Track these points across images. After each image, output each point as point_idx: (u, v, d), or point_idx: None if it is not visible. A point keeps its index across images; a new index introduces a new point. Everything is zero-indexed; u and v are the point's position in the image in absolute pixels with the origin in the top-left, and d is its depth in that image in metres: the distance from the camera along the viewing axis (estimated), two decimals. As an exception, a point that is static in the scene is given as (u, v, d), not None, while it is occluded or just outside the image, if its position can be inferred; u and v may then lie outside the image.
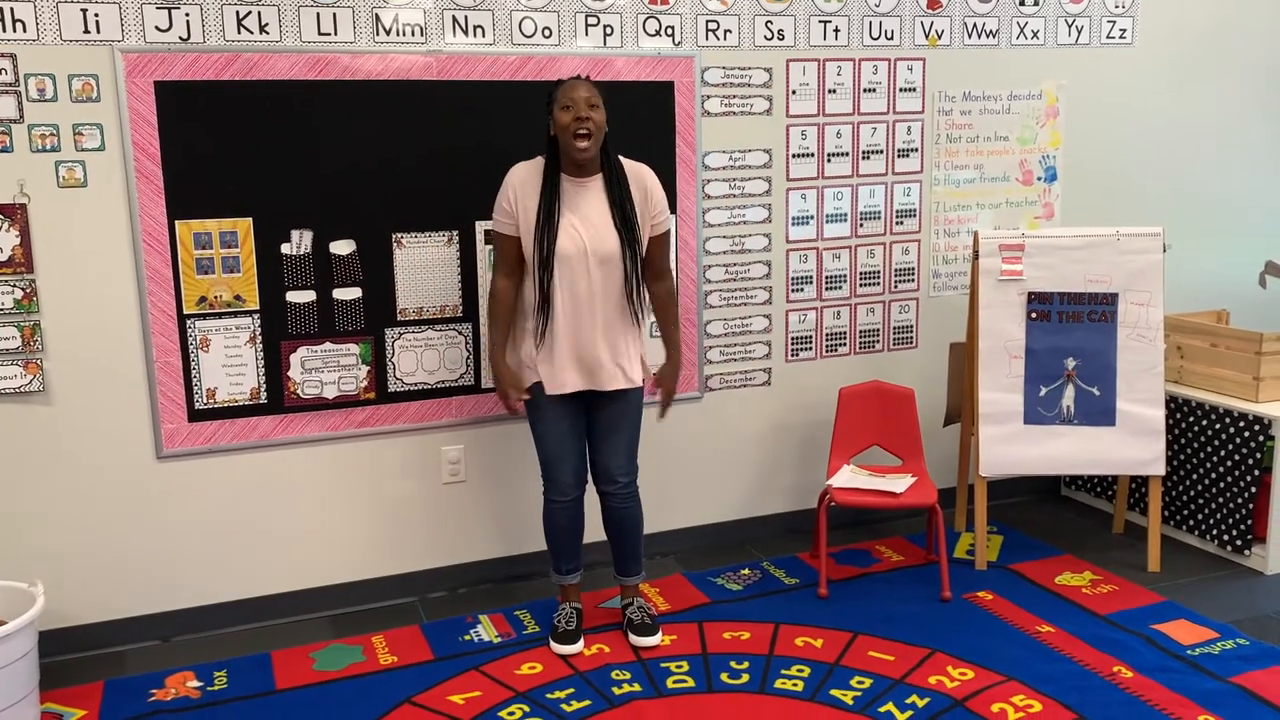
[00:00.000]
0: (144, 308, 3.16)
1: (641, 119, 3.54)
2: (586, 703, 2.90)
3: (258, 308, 3.28)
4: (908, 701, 2.86)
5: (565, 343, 3.01)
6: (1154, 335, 3.66)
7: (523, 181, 3.00)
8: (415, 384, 3.49)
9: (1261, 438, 3.62)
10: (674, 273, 3.20)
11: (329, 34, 3.21)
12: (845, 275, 4.01)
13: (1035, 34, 4.11)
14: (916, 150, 4.03)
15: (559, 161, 2.98)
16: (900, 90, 3.96)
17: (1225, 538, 3.76)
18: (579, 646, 3.17)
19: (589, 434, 3.17)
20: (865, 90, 3.90)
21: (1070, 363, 3.69)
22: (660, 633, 3.22)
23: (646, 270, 3.08)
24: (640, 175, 3.07)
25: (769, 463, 4.03)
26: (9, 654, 2.70)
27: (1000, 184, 4.19)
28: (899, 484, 3.58)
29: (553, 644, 3.19)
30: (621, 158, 3.07)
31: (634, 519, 3.22)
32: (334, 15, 3.21)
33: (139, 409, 3.20)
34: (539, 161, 3.02)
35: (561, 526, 3.20)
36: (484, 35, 3.38)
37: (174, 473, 3.27)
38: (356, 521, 3.51)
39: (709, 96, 3.67)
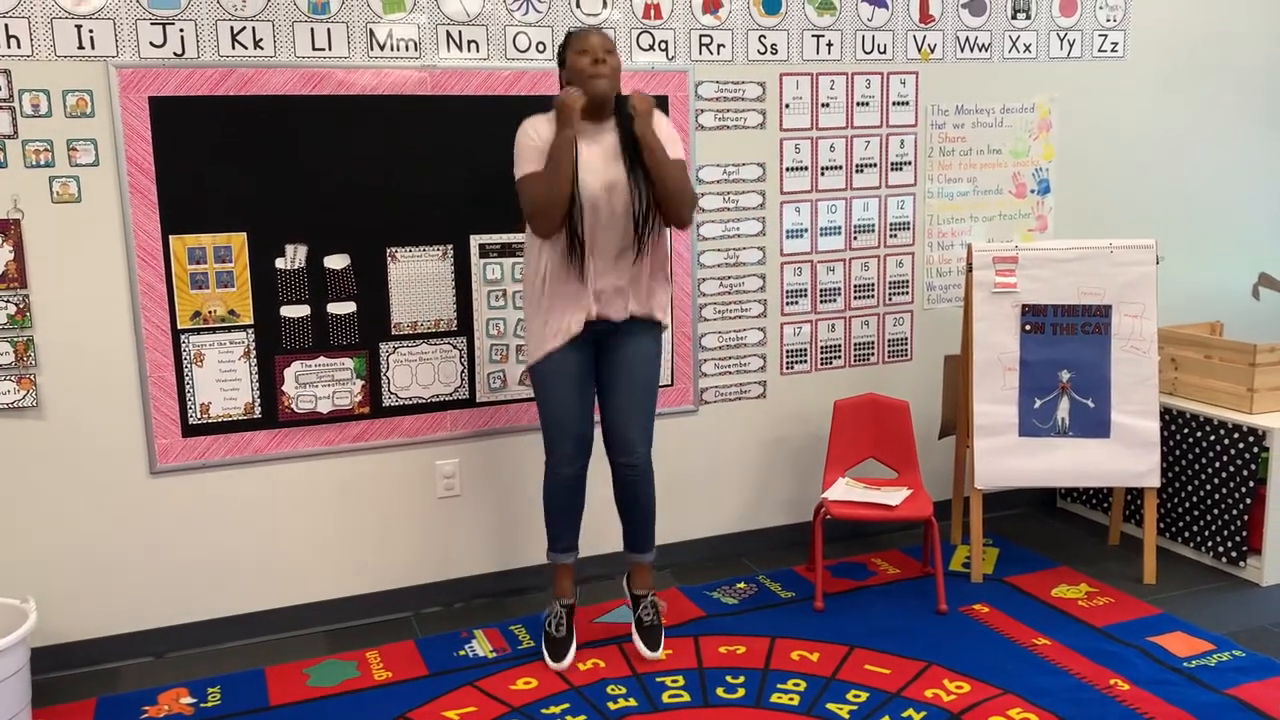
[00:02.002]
0: (138, 323, 3.15)
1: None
2: (582, 718, 2.89)
3: (252, 322, 3.27)
4: (904, 715, 2.85)
5: (584, 278, 2.96)
6: (1148, 347, 3.66)
7: (542, 124, 2.99)
8: (410, 398, 3.48)
9: (1256, 449, 3.63)
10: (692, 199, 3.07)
11: (323, 49, 3.22)
12: (839, 288, 4.02)
13: (1027, 48, 4.13)
14: (910, 163, 4.04)
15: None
16: (893, 104, 3.97)
17: (1221, 549, 3.76)
18: (569, 660, 3.14)
19: (601, 394, 3.12)
20: (859, 104, 3.92)
21: (1064, 375, 3.69)
22: (663, 648, 3.20)
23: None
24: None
25: (764, 476, 4.03)
26: (0, 671, 2.69)
27: (993, 197, 4.21)
28: (894, 497, 3.58)
29: (545, 656, 3.17)
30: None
31: (649, 494, 3.19)
32: (328, 30, 3.22)
33: (132, 424, 3.19)
34: (552, 114, 2.99)
35: (560, 500, 3.16)
36: (478, 50, 3.39)
37: (168, 488, 3.26)
38: (351, 536, 3.49)
39: (703, 110, 3.68)
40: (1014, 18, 4.09)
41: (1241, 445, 3.67)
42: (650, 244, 3.04)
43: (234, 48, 3.13)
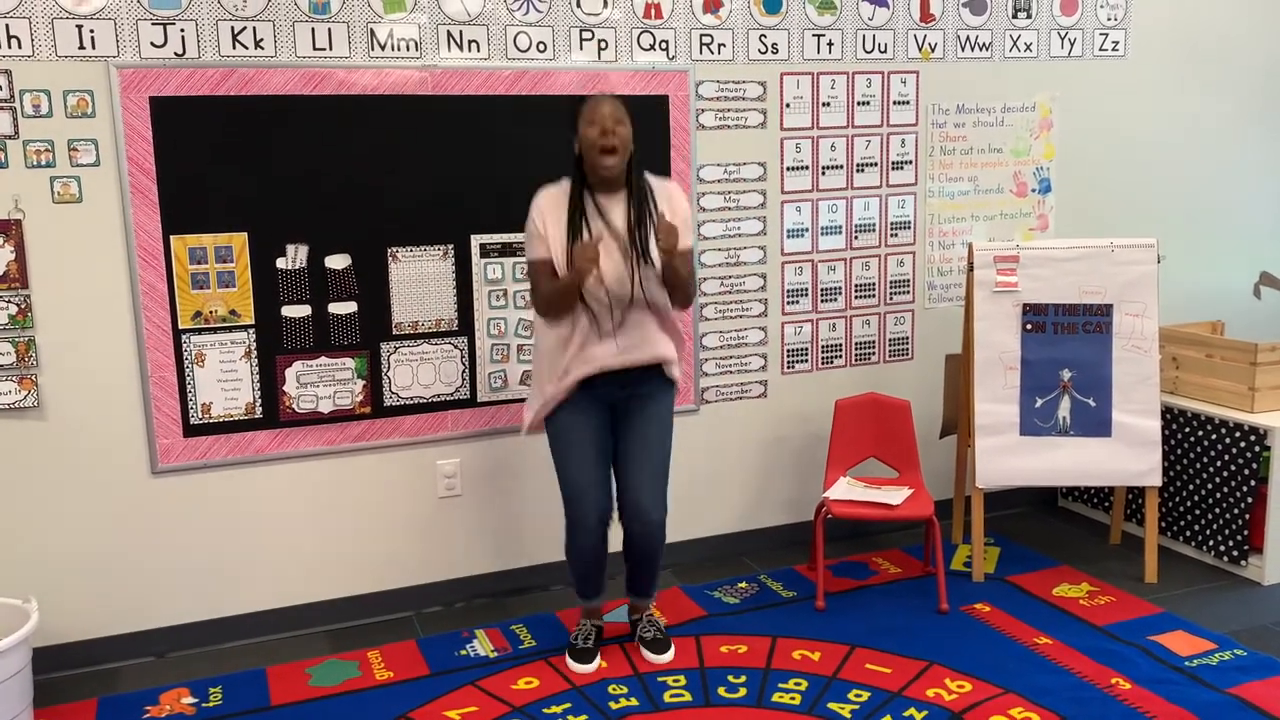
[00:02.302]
0: (139, 323, 3.15)
1: (636, 132, 3.53)
2: (583, 718, 2.89)
3: (253, 322, 3.27)
4: (905, 715, 2.85)
5: (595, 342, 2.97)
6: (1149, 346, 3.66)
7: (550, 203, 2.99)
8: (411, 398, 3.48)
9: (1257, 448, 3.62)
10: (695, 284, 3.09)
11: (324, 49, 3.22)
12: (840, 287, 4.01)
13: (1028, 47, 4.13)
14: (911, 163, 4.04)
15: (586, 180, 2.96)
16: (894, 103, 3.97)
17: (1222, 548, 3.76)
18: (594, 666, 3.14)
19: (616, 459, 3.09)
20: (859, 103, 3.92)
21: (1065, 374, 3.69)
22: (672, 649, 3.19)
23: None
24: (667, 190, 3.06)
25: (765, 475, 4.03)
26: (2, 671, 2.69)
27: (994, 196, 4.20)
28: (896, 496, 3.58)
29: (569, 660, 3.16)
30: (649, 175, 3.06)
31: (656, 550, 3.15)
32: (329, 30, 3.22)
33: (134, 424, 3.20)
34: (565, 183, 3.00)
35: (582, 556, 3.13)
36: (479, 50, 3.39)
37: (169, 488, 3.26)
38: (352, 536, 3.49)
39: (703, 110, 3.68)
40: (1015, 17, 4.09)
41: (1243, 444, 3.67)
42: (653, 308, 3.01)
43: (235, 48, 3.13)
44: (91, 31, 2.99)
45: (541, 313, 3.02)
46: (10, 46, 2.92)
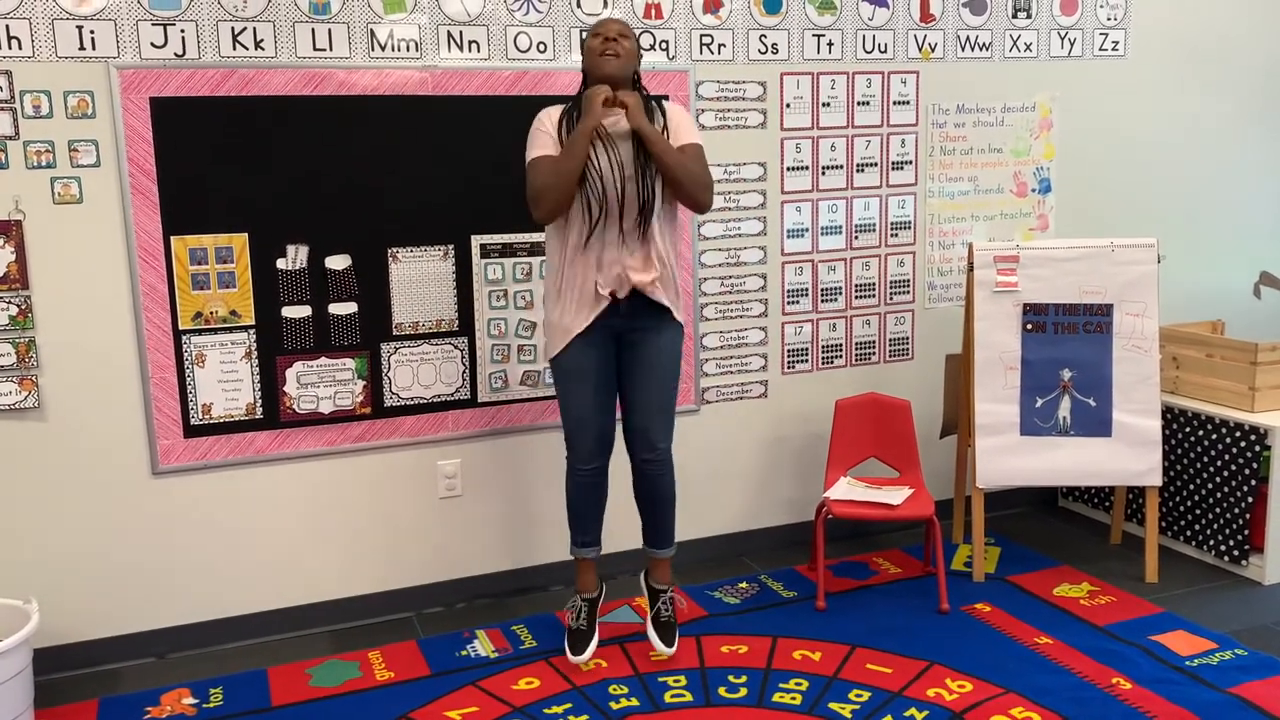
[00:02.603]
0: (139, 323, 3.15)
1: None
2: (584, 718, 2.89)
3: (253, 323, 3.27)
4: (906, 715, 2.85)
5: (598, 257, 2.97)
6: (1149, 346, 3.66)
7: (557, 114, 3.02)
8: (411, 398, 3.48)
9: (1258, 448, 3.62)
10: (709, 177, 3.04)
11: (324, 49, 3.22)
12: (840, 288, 4.02)
13: (1028, 46, 4.13)
14: (911, 163, 4.04)
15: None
16: (894, 103, 3.97)
17: (1223, 548, 3.76)
18: (588, 654, 3.15)
19: (621, 390, 3.11)
20: (859, 103, 3.92)
21: (1066, 374, 3.69)
22: (676, 644, 3.20)
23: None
24: (674, 108, 3.08)
25: (766, 475, 4.03)
26: (2, 672, 2.69)
27: (994, 196, 4.20)
28: (896, 496, 3.58)
29: (567, 651, 3.17)
30: (664, 100, 3.08)
31: (669, 489, 3.18)
32: (329, 31, 3.22)
33: (134, 425, 3.20)
34: (565, 105, 3.03)
35: (581, 496, 3.17)
36: (479, 50, 3.39)
37: (170, 489, 3.26)
38: (352, 536, 3.50)
39: (703, 110, 3.68)
40: (1015, 17, 4.09)
41: (1243, 444, 3.67)
42: (657, 230, 3.00)
43: (235, 48, 3.13)
44: (92, 32, 2.99)
45: (540, 195, 2.94)
46: (10, 47, 2.92)
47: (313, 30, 3.20)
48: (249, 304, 3.26)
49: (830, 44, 3.83)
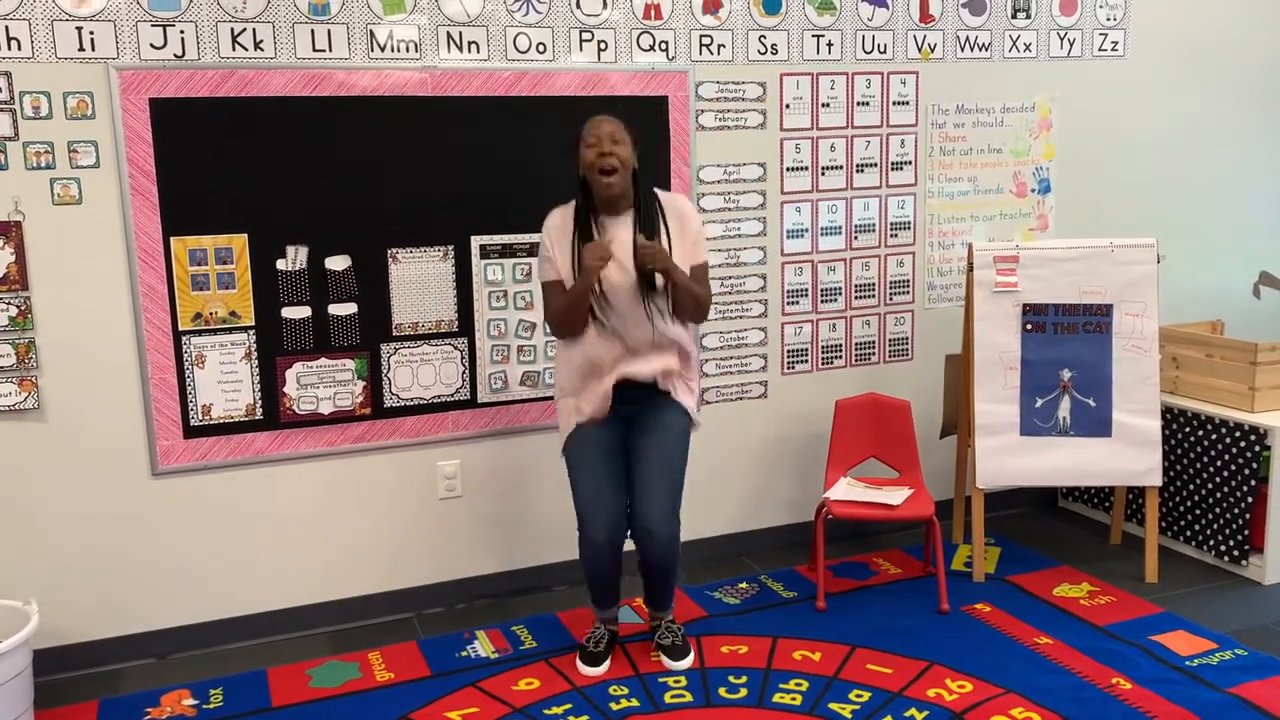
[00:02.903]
0: (139, 324, 3.15)
1: (636, 133, 3.55)
2: (584, 719, 2.89)
3: (253, 324, 3.27)
4: (906, 715, 2.85)
5: (605, 364, 2.99)
6: (1149, 346, 3.66)
7: (557, 226, 3.01)
8: (411, 399, 3.48)
9: (1257, 448, 3.62)
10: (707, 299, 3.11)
11: (324, 50, 3.22)
12: (840, 288, 4.02)
13: (1028, 47, 4.13)
14: (910, 163, 4.04)
15: (593, 200, 2.97)
16: (894, 104, 3.97)
17: (1222, 548, 3.76)
18: (601, 670, 3.13)
19: (629, 474, 3.07)
20: (859, 104, 3.92)
21: (1066, 374, 3.69)
22: (690, 656, 3.18)
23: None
24: (676, 204, 3.07)
25: (766, 476, 4.03)
26: (3, 673, 2.69)
27: (994, 196, 4.20)
28: (896, 496, 3.58)
29: (578, 661, 3.16)
30: (658, 190, 3.07)
31: (668, 564, 3.11)
32: (329, 31, 3.22)
33: (134, 426, 3.19)
34: (572, 204, 3.02)
35: (595, 567, 3.10)
36: (479, 51, 3.39)
37: (169, 489, 3.26)
38: (352, 537, 3.49)
39: (703, 110, 3.68)
40: (1014, 17, 4.09)
41: (1243, 444, 3.67)
42: (665, 330, 3.01)
43: (234, 49, 3.13)
44: (91, 33, 2.99)
45: (555, 329, 3.06)
46: (10, 48, 2.92)
47: (312, 31, 3.20)
48: (249, 305, 3.26)
49: (830, 44, 3.83)
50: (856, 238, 4.00)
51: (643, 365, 3.02)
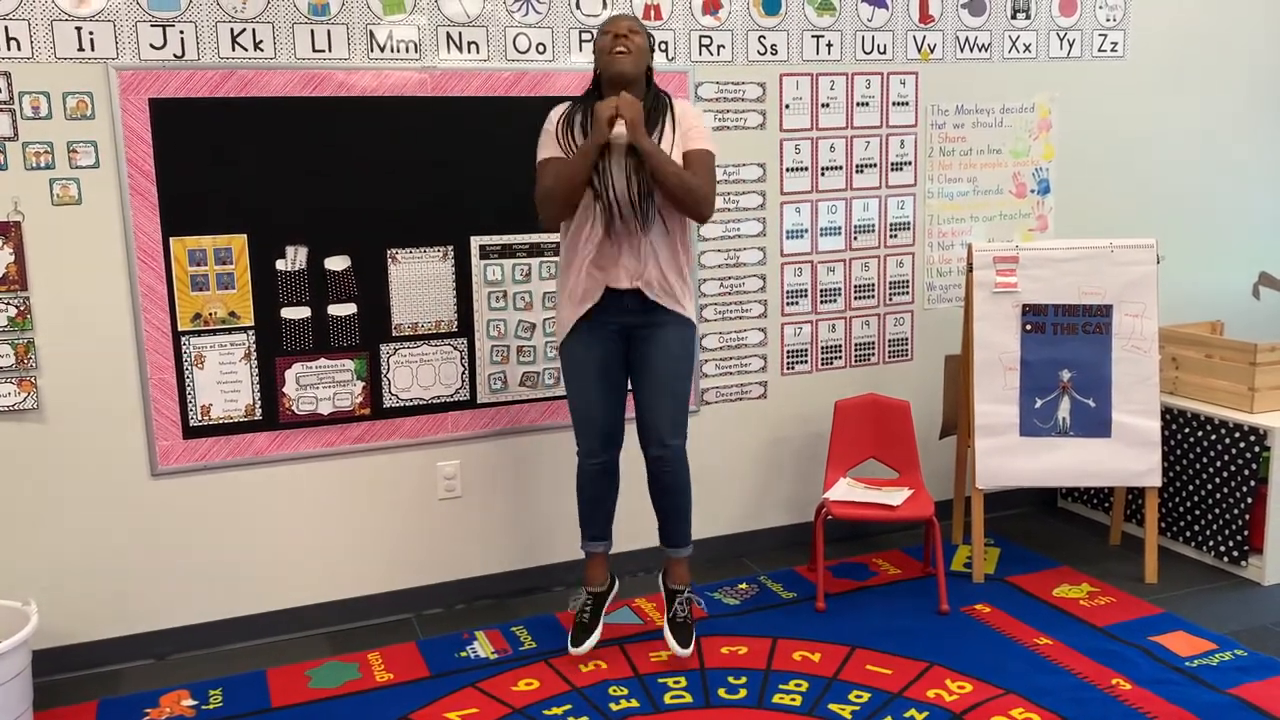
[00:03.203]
0: (138, 325, 3.15)
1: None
2: (584, 719, 2.89)
3: (253, 324, 3.27)
4: (906, 716, 2.85)
5: (600, 257, 2.98)
6: (1149, 347, 3.66)
7: (562, 111, 3.03)
8: (411, 399, 3.48)
9: (1257, 448, 3.63)
10: (710, 189, 3.00)
11: (323, 51, 3.22)
12: (840, 288, 4.02)
13: (1027, 47, 4.13)
14: (910, 164, 4.04)
15: (602, 96, 2.96)
16: (893, 104, 3.97)
17: (1222, 549, 3.76)
18: (586, 647, 3.15)
19: (634, 386, 3.11)
20: (858, 104, 3.92)
21: (1065, 374, 3.69)
22: (692, 646, 3.18)
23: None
24: (685, 106, 3.07)
25: (765, 476, 4.03)
26: (2, 674, 2.69)
27: (994, 197, 4.21)
28: (896, 497, 3.58)
29: (569, 644, 3.18)
30: (673, 98, 3.08)
31: (683, 485, 3.15)
32: (328, 32, 3.22)
33: (133, 426, 3.19)
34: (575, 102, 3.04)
35: (589, 489, 3.17)
36: (478, 51, 3.39)
37: (169, 490, 3.26)
38: (352, 538, 3.49)
39: (703, 111, 3.68)
40: (1014, 17, 4.09)
41: (1242, 444, 3.67)
42: (656, 232, 2.99)
43: (234, 49, 3.13)
44: (91, 33, 2.98)
45: (547, 200, 2.97)
46: (9, 48, 2.92)
47: (312, 31, 3.20)
48: (248, 305, 3.26)
49: (829, 45, 3.83)
50: (856, 238, 4.00)
51: (629, 266, 2.98)
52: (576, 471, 3.21)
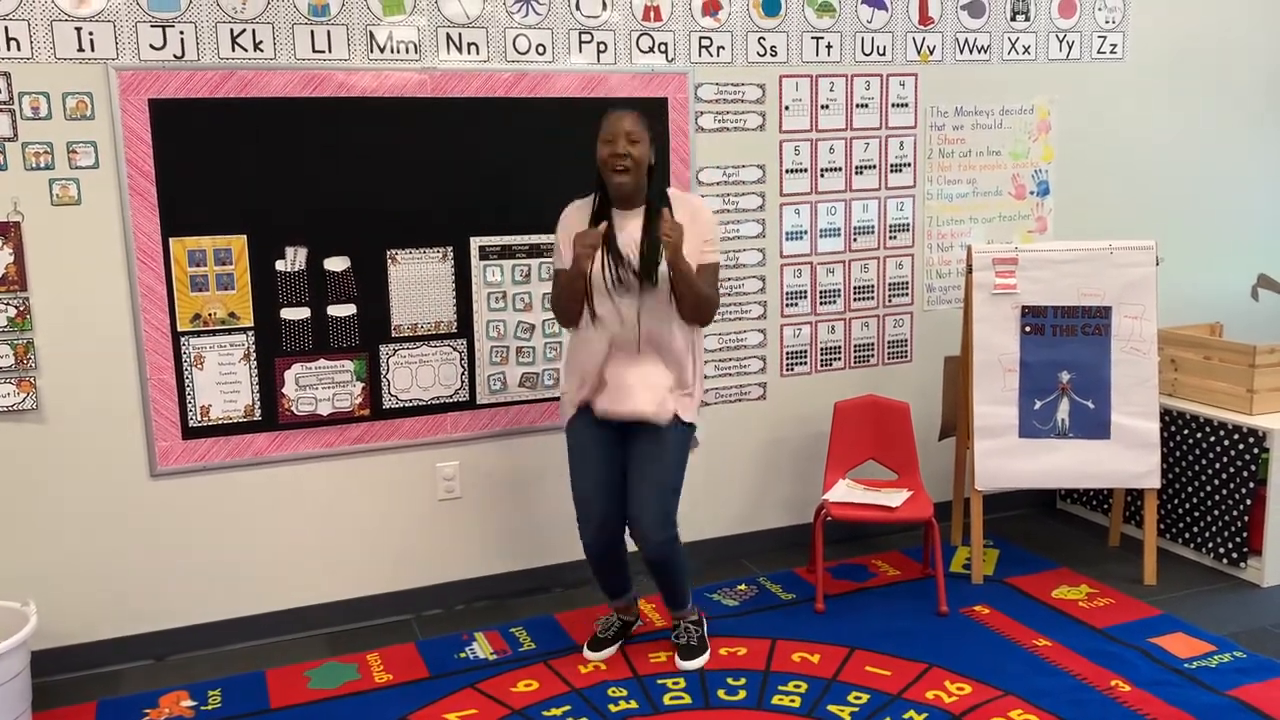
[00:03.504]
0: (138, 325, 3.15)
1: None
2: (583, 720, 2.90)
3: (252, 325, 3.27)
4: (905, 717, 2.85)
5: (603, 366, 2.99)
6: (1148, 348, 3.66)
7: (570, 217, 3.02)
8: (410, 400, 3.48)
9: (1256, 450, 3.63)
10: (718, 300, 3.09)
11: (323, 51, 3.22)
12: (839, 290, 4.02)
13: (1027, 49, 4.13)
14: (909, 165, 4.04)
15: (608, 193, 2.96)
16: (893, 105, 3.97)
17: (1221, 550, 3.76)
18: (601, 655, 3.18)
19: (626, 476, 3.05)
20: (858, 105, 3.92)
21: (1064, 376, 3.70)
22: (705, 656, 3.18)
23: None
24: (690, 202, 3.05)
25: (765, 478, 4.03)
26: (1, 674, 2.69)
27: (993, 198, 4.21)
28: (895, 498, 3.58)
29: (585, 649, 3.21)
30: (673, 189, 3.07)
31: (671, 565, 3.10)
32: (328, 33, 3.22)
33: (133, 427, 3.19)
34: (591, 197, 3.01)
35: (592, 563, 3.15)
36: (478, 52, 3.39)
37: (168, 491, 3.26)
38: (351, 539, 3.49)
39: (702, 112, 3.68)
40: (1013, 19, 4.09)
41: (1241, 446, 3.67)
42: (658, 340, 2.98)
43: (234, 50, 3.13)
44: (91, 34, 2.98)
45: (556, 310, 3.08)
46: (9, 49, 2.92)
47: (311, 32, 3.20)
48: (248, 306, 3.26)
49: (829, 46, 3.83)
50: (855, 240, 4.01)
51: (632, 384, 2.96)
52: (582, 544, 3.12)
